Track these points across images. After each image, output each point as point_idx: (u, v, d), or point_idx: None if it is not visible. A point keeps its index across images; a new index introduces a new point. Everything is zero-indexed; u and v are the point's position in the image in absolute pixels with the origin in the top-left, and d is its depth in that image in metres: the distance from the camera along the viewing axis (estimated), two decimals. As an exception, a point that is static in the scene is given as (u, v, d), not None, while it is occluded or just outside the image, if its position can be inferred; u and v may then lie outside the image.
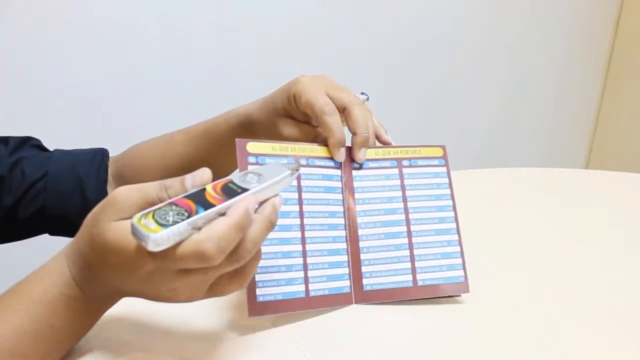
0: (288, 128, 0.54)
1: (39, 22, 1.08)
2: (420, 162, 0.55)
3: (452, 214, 0.54)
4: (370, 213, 0.53)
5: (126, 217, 0.37)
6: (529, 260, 0.61)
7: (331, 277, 0.51)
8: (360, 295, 0.52)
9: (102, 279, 0.39)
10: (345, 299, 0.51)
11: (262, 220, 0.37)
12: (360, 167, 0.54)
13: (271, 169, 0.41)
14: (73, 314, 0.41)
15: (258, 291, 0.48)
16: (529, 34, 1.71)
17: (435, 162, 0.56)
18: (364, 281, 0.52)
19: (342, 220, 0.53)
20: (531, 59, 1.75)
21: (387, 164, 0.54)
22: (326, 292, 0.50)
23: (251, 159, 0.49)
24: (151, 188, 0.38)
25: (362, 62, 1.47)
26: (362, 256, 0.52)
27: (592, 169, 1.94)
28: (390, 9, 1.46)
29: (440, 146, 0.56)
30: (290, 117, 0.54)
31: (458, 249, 0.53)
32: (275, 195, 0.40)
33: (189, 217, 0.35)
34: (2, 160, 0.58)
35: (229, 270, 0.38)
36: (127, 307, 0.45)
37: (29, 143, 0.62)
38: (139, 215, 0.35)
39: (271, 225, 0.38)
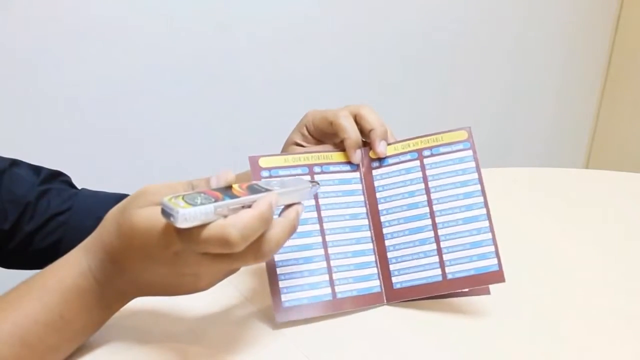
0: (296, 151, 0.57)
1: (39, 22, 1.08)
2: (442, 150, 0.53)
3: (481, 199, 0.51)
4: (392, 210, 0.53)
5: (156, 205, 0.39)
6: (529, 261, 0.61)
7: (358, 278, 0.51)
8: (391, 293, 0.51)
9: (125, 269, 0.40)
10: (376, 299, 0.51)
11: (286, 223, 0.40)
12: (380, 165, 0.54)
13: (294, 180, 0.44)
14: (84, 306, 0.41)
15: (283, 297, 0.48)
16: (529, 34, 1.71)
17: (460, 146, 0.53)
18: (394, 279, 0.51)
19: (365, 222, 0.52)
20: (531, 59, 1.75)
21: (407, 157, 0.53)
22: (354, 293, 0.50)
23: (264, 173, 0.50)
24: (180, 187, 0.41)
25: (362, 63, 1.47)
26: (389, 254, 0.52)
27: (592, 169, 1.94)
28: (389, 9, 1.46)
29: (464, 129, 0.53)
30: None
31: (489, 236, 0.50)
32: (298, 203, 0.42)
33: (216, 202, 0.37)
34: (32, 187, 0.59)
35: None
36: (128, 309, 0.45)
37: (60, 178, 0.64)
38: (169, 196, 0.37)
39: (293, 229, 0.41)
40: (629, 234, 0.69)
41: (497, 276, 0.50)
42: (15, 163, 0.60)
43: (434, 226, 0.51)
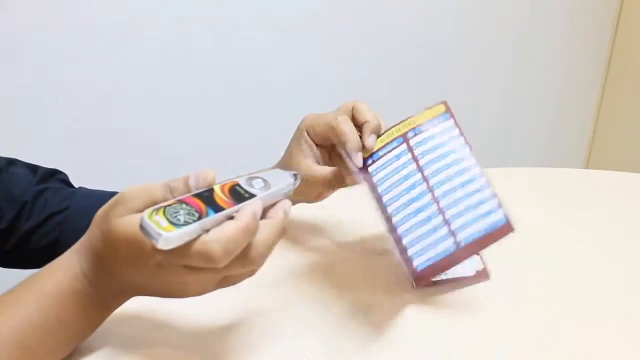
0: (302, 157, 0.57)
1: (39, 22, 1.08)
2: (423, 127, 0.54)
3: (472, 161, 0.51)
4: (395, 198, 0.53)
5: (134, 213, 0.38)
6: (529, 260, 0.61)
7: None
8: (418, 277, 0.50)
9: (113, 273, 0.40)
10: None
11: (274, 224, 0.38)
12: (373, 161, 0.55)
13: (275, 175, 0.42)
14: (81, 309, 0.41)
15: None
16: (529, 34, 1.71)
17: (440, 119, 0.54)
18: (414, 263, 0.51)
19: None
20: (531, 59, 1.75)
21: (394, 144, 0.55)
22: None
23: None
24: (157, 190, 0.39)
25: (362, 63, 1.47)
26: (404, 240, 0.51)
27: (592, 169, 1.94)
28: (390, 9, 1.46)
29: (441, 102, 0.55)
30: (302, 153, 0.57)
31: (489, 191, 0.50)
32: (281, 200, 0.41)
33: (199, 218, 0.35)
34: (29, 186, 0.59)
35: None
36: (127, 313, 0.45)
37: (57, 176, 0.63)
38: (149, 210, 0.35)
39: (282, 231, 0.39)
40: (629, 234, 0.68)
41: (506, 229, 0.49)
42: (11, 162, 0.60)
43: (435, 200, 0.51)
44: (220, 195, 0.38)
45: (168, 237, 0.34)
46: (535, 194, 0.80)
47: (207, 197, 0.37)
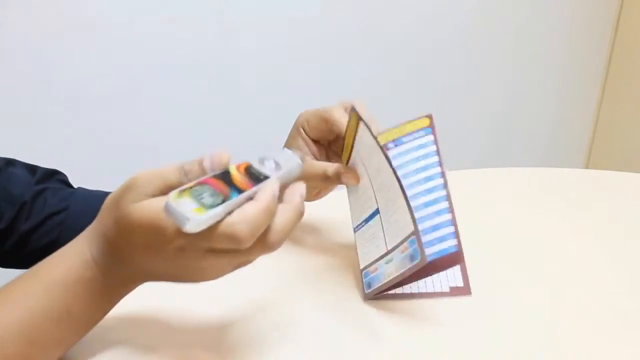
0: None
1: (39, 22, 1.08)
2: (405, 139, 0.53)
3: (440, 181, 0.51)
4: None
5: (149, 198, 0.38)
6: (529, 261, 0.61)
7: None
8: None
9: (127, 259, 0.40)
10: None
11: (292, 209, 0.38)
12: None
13: (283, 155, 0.41)
14: (90, 296, 0.41)
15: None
16: (529, 34, 1.71)
17: (422, 133, 0.53)
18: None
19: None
20: (531, 59, 1.75)
21: None
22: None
23: None
24: (171, 173, 0.38)
25: (362, 63, 1.47)
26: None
27: (592, 169, 1.94)
28: (390, 9, 1.46)
29: (426, 116, 0.54)
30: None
31: (449, 217, 0.49)
32: (299, 184, 0.40)
33: (224, 200, 0.35)
34: (28, 186, 0.59)
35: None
36: (129, 310, 0.45)
37: (56, 177, 0.63)
38: (175, 193, 0.35)
39: (301, 214, 0.39)
40: (629, 234, 0.68)
41: (455, 257, 0.48)
42: (10, 162, 0.60)
43: None
44: (237, 177, 0.37)
45: (198, 219, 0.33)
46: (535, 194, 0.80)
47: (226, 178, 0.37)
